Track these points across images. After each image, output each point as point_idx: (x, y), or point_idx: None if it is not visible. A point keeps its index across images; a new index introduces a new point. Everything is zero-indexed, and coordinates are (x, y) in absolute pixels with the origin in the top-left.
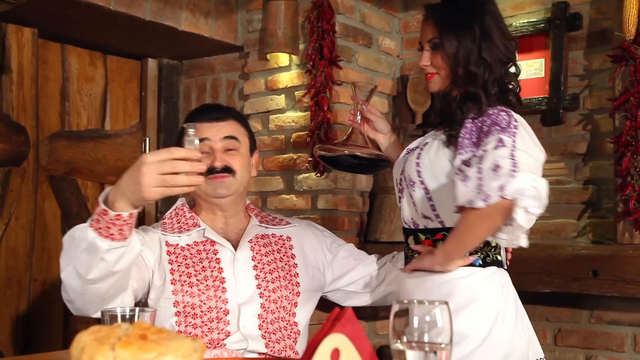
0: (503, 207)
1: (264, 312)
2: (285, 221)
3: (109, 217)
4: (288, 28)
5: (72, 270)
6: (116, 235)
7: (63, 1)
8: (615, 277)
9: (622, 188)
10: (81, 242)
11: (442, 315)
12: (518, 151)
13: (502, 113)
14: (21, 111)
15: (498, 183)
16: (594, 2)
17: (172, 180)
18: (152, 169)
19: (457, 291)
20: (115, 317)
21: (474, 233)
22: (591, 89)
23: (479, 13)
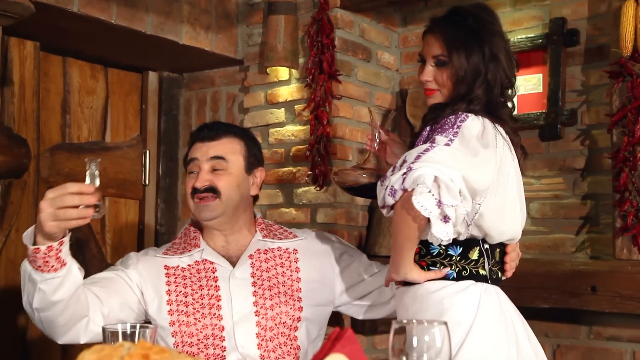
0: (407, 199)
1: (261, 330)
2: (293, 234)
3: (30, 251)
4: (288, 42)
5: (26, 299)
6: (44, 267)
7: (65, 15)
8: (614, 293)
9: (620, 204)
10: (24, 273)
11: (440, 335)
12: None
13: (451, 117)
14: (22, 124)
15: (398, 175)
16: (591, 18)
17: (64, 214)
18: (47, 205)
19: (426, 306)
20: (116, 334)
21: (399, 232)
22: (589, 105)
23: (488, 33)
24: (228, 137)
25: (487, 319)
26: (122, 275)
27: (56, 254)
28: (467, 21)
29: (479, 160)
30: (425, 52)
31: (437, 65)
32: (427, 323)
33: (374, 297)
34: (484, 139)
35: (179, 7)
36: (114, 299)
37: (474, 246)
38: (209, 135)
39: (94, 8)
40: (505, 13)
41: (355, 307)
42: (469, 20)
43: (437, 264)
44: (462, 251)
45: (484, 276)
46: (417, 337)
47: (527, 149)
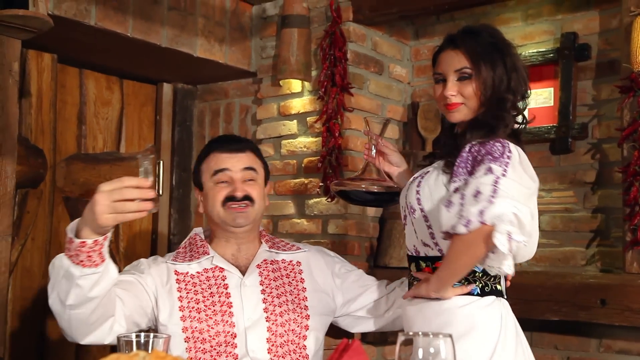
0: (484, 232)
1: (272, 335)
2: (296, 247)
3: (75, 244)
4: (301, 55)
5: (56, 297)
6: (86, 262)
7: (82, 28)
8: (624, 306)
9: (630, 217)
10: (60, 269)
11: (445, 347)
12: (504, 179)
13: (497, 144)
14: (39, 134)
15: (477, 208)
16: (602, 33)
17: (122, 207)
18: (104, 197)
19: (456, 320)
20: (130, 342)
21: (460, 259)
22: (600, 119)
23: (504, 45)
24: (251, 150)
25: (510, 333)
26: (140, 280)
27: (100, 249)
28: (484, 36)
29: (531, 193)
30: (445, 69)
31: (460, 79)
32: (433, 335)
33: (369, 310)
34: (529, 170)
35: (193, 20)
36: (134, 301)
37: None
38: (237, 147)
39: (110, 21)
40: (517, 27)
41: (350, 319)
42: (485, 36)
43: (462, 280)
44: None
45: (501, 291)
46: (422, 348)
47: (538, 162)
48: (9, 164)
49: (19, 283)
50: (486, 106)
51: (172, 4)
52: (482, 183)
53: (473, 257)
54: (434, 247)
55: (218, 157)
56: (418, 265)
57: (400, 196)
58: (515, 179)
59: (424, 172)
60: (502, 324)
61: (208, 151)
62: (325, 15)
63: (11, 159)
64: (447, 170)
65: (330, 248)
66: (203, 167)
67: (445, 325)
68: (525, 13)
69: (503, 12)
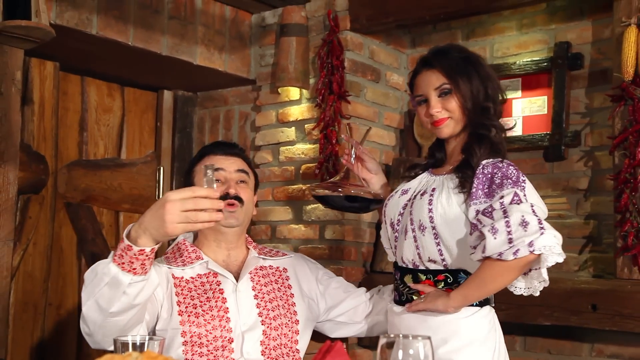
0: (529, 261)
1: (266, 338)
2: (281, 252)
3: (133, 252)
4: (299, 63)
5: (94, 304)
6: (138, 270)
7: (84, 37)
8: (614, 311)
9: (621, 224)
10: (104, 276)
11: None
12: (536, 207)
13: (510, 167)
14: (41, 141)
15: (529, 239)
16: (595, 43)
17: (195, 216)
18: (176, 206)
19: (462, 330)
20: (126, 344)
21: (497, 282)
22: (592, 127)
23: (475, 58)
24: (242, 158)
25: (502, 340)
26: None
27: (153, 257)
28: (453, 53)
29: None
30: (425, 89)
31: (441, 96)
32: (412, 337)
33: (349, 316)
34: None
35: (193, 29)
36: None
37: None
38: (232, 151)
39: (112, 30)
40: (511, 37)
41: (331, 324)
42: (454, 52)
43: None
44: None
45: (490, 300)
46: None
47: (532, 169)
48: (12, 171)
49: (20, 287)
50: (470, 117)
51: (172, 13)
52: (525, 212)
53: (509, 281)
54: (440, 262)
55: (212, 159)
56: (416, 277)
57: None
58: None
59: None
60: (497, 332)
61: (202, 154)
62: (323, 24)
63: (13, 166)
64: (462, 190)
65: (327, 254)
66: (196, 169)
67: (452, 335)
68: (519, 23)
69: (498, 21)
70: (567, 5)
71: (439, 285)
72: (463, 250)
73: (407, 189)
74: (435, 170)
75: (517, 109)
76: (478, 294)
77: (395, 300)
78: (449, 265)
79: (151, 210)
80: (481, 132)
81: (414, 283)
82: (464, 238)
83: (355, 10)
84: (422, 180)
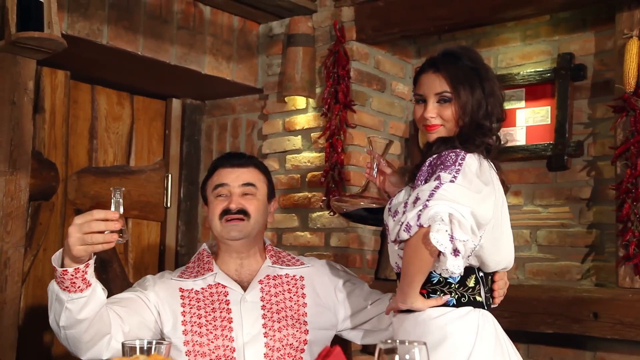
0: (423, 235)
1: (269, 350)
2: (301, 262)
3: (58, 273)
4: (305, 73)
5: (52, 318)
6: (70, 288)
7: (95, 47)
8: (615, 320)
9: (622, 233)
10: (52, 293)
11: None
12: (448, 184)
13: (451, 153)
14: (52, 148)
15: (414, 212)
16: (597, 54)
17: (90, 238)
18: (76, 230)
19: (430, 331)
20: (134, 349)
21: (412, 265)
22: (595, 137)
23: (484, 71)
24: (254, 166)
25: (486, 343)
26: (141, 296)
27: (82, 276)
28: (464, 61)
29: (482, 196)
30: (426, 91)
31: (440, 102)
32: (408, 343)
33: (373, 324)
34: (483, 176)
35: (202, 39)
36: (133, 318)
37: (471, 274)
38: (239, 162)
39: (122, 40)
40: (515, 47)
41: (355, 332)
42: (465, 60)
43: (437, 291)
44: (461, 279)
45: (481, 302)
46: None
47: (535, 178)
48: (23, 178)
49: (30, 292)
50: (463, 129)
51: (181, 24)
52: (422, 190)
53: (422, 260)
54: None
55: (220, 173)
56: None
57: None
58: (463, 184)
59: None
60: (479, 334)
61: (215, 167)
62: (330, 35)
63: (25, 173)
64: (411, 184)
65: (332, 261)
66: (208, 182)
67: (421, 336)
68: (523, 34)
69: (502, 32)
70: (570, 17)
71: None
72: None
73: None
74: None
75: (521, 119)
76: (406, 283)
77: None
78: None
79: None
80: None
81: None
82: None
83: (361, 21)
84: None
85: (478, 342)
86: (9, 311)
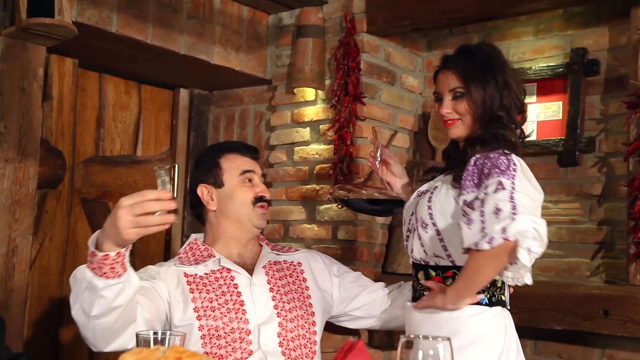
0: (507, 248)
1: (282, 330)
2: (294, 249)
3: (98, 258)
4: (315, 64)
5: (79, 308)
6: (109, 274)
7: (104, 35)
8: (626, 317)
9: (634, 230)
10: (82, 282)
11: (444, 350)
12: (517, 193)
13: (501, 157)
14: (59, 136)
15: (500, 226)
16: (611, 50)
17: (145, 221)
18: (127, 212)
19: (465, 328)
20: (148, 340)
21: (482, 273)
22: (607, 133)
23: (498, 64)
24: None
25: (512, 344)
26: (154, 286)
27: (122, 260)
28: (477, 55)
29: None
30: (441, 88)
31: (454, 98)
32: (432, 338)
33: (366, 310)
34: (533, 181)
35: (211, 29)
36: (151, 306)
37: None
38: (256, 155)
39: (131, 29)
40: (527, 42)
41: (346, 317)
42: (479, 55)
43: None
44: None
45: (505, 302)
46: (422, 351)
47: (546, 174)
48: (32, 165)
49: (36, 281)
50: (480, 122)
51: (191, 13)
52: (500, 199)
53: (493, 271)
54: (446, 258)
55: (242, 159)
56: (427, 273)
57: (405, 210)
58: (524, 191)
59: (432, 186)
60: (507, 335)
61: (226, 150)
62: (340, 26)
63: (34, 161)
64: (456, 184)
65: (339, 254)
66: (224, 165)
67: (454, 332)
68: (536, 28)
69: (514, 26)
70: (584, 11)
71: (448, 282)
72: None
73: (421, 191)
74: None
75: (532, 114)
76: (467, 287)
77: (412, 297)
78: (456, 260)
79: (110, 216)
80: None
81: (425, 279)
82: None
83: (372, 13)
84: (436, 181)
85: (507, 343)
86: (16, 299)
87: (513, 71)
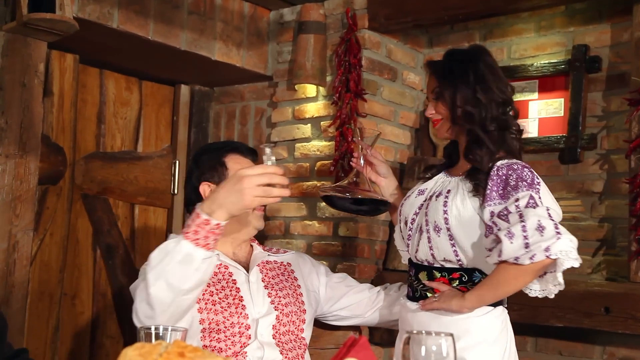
0: (545, 265)
1: (277, 323)
2: (283, 250)
3: (210, 226)
4: (316, 61)
5: (164, 284)
6: (211, 244)
7: (105, 30)
8: (627, 314)
9: (635, 228)
10: (175, 254)
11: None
12: (551, 210)
13: (525, 169)
14: (60, 132)
15: (545, 244)
16: (613, 46)
17: (269, 191)
18: (253, 181)
19: (474, 329)
20: (149, 334)
21: (511, 285)
22: (609, 130)
23: (473, 62)
24: None
25: (512, 342)
26: None
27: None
28: (454, 57)
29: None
30: (427, 91)
31: (435, 99)
32: (435, 334)
33: (351, 310)
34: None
35: (212, 25)
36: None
37: None
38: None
39: (132, 24)
40: (529, 38)
41: (333, 317)
42: (456, 56)
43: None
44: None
45: (504, 301)
46: (425, 347)
47: (547, 171)
48: (33, 161)
49: (37, 277)
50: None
51: (192, 9)
52: (541, 216)
53: (523, 284)
54: (455, 262)
55: (245, 160)
56: (431, 274)
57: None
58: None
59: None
60: (508, 333)
61: (230, 150)
62: (342, 23)
63: (35, 157)
64: (476, 194)
65: (340, 250)
66: (230, 165)
67: (463, 333)
68: (537, 25)
69: (516, 23)
70: (586, 8)
71: (454, 284)
72: (478, 251)
73: (424, 190)
74: (450, 170)
75: (534, 110)
76: (493, 296)
77: (409, 296)
78: (465, 264)
79: (226, 185)
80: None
81: (428, 280)
82: (479, 239)
83: (374, 9)
84: (437, 181)
85: (509, 341)
86: (17, 295)
87: (490, 67)
